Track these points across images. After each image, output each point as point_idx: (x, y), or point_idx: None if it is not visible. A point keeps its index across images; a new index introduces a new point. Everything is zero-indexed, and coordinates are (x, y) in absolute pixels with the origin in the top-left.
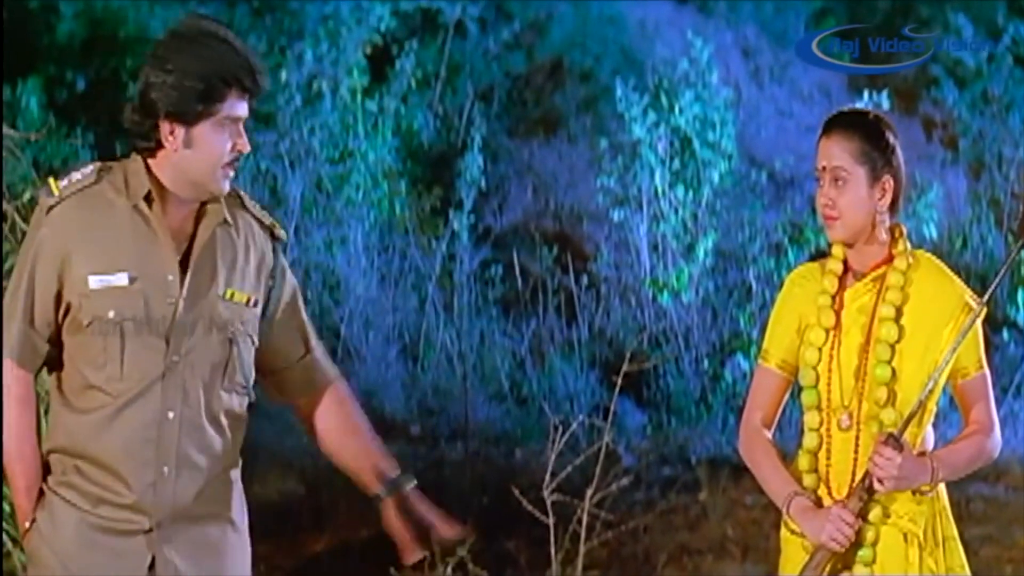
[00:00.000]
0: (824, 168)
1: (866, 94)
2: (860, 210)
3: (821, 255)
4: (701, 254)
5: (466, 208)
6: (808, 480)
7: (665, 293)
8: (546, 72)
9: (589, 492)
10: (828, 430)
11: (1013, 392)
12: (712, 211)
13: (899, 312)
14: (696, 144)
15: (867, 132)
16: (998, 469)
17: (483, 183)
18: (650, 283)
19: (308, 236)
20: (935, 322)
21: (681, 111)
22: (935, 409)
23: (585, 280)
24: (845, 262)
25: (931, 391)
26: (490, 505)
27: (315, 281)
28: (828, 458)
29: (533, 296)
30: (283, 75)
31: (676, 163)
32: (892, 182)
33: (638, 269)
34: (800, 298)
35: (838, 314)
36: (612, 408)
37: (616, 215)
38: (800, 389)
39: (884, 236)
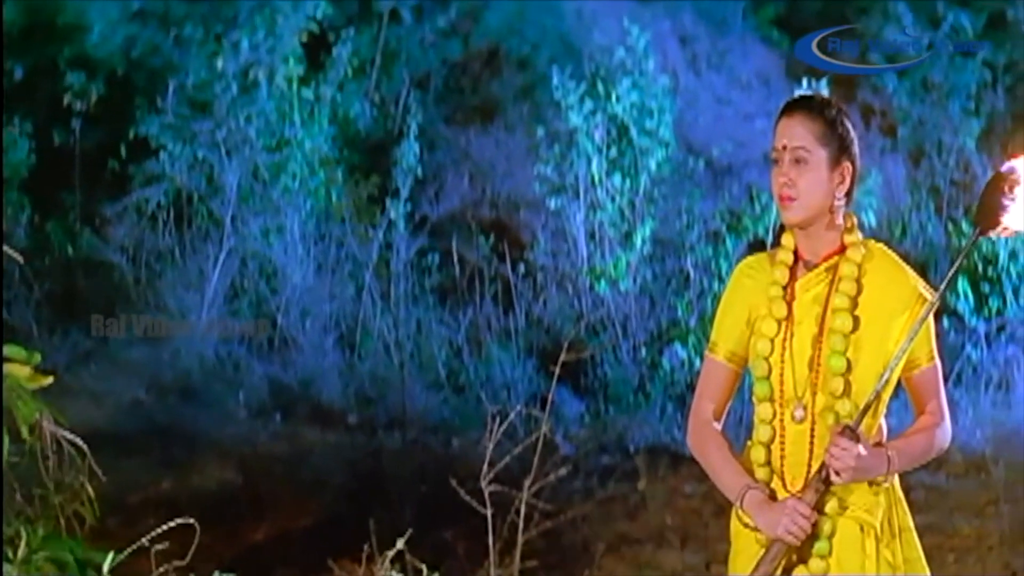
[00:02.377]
0: (784, 147)
1: (805, 81)
2: (819, 192)
3: (759, 243)
4: (639, 242)
5: (403, 196)
6: (761, 473)
7: (602, 281)
8: (483, 60)
9: (527, 482)
10: (782, 422)
11: (954, 381)
12: (650, 199)
13: (853, 303)
14: (633, 132)
15: (831, 116)
16: (940, 458)
17: (420, 171)
18: (587, 271)
19: (245, 225)
20: (889, 313)
21: (618, 99)
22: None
23: (522, 268)
24: (795, 252)
25: (887, 382)
26: (428, 495)
27: (252, 270)
28: (782, 450)
29: (470, 284)
30: (219, 63)
31: (613, 151)
32: (851, 169)
33: (575, 257)
34: (750, 289)
35: (790, 305)
36: (550, 398)
37: (553, 203)
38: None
39: (840, 223)
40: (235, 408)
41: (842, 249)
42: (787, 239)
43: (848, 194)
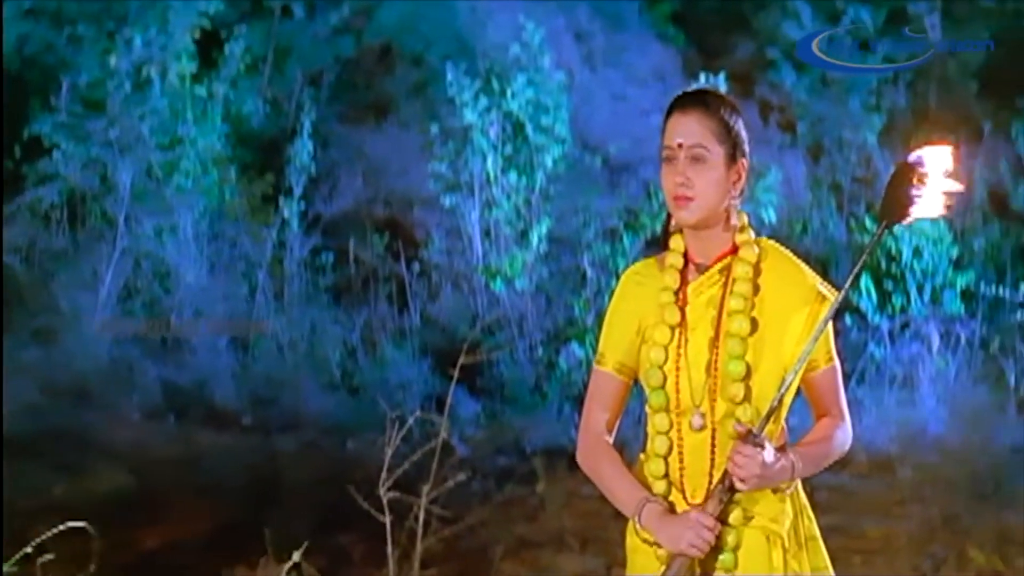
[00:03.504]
0: (680, 145)
1: (702, 77)
2: (717, 191)
3: (656, 241)
4: (535, 240)
5: (296, 195)
6: (659, 487)
7: (498, 280)
8: (376, 56)
9: (425, 488)
10: (679, 432)
11: (857, 379)
12: (546, 196)
13: (750, 304)
14: (529, 129)
15: (728, 112)
16: (844, 458)
17: (313, 169)
18: (483, 270)
19: (139, 224)
20: (788, 313)
21: (514, 95)
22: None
23: (417, 267)
24: (685, 255)
25: (789, 386)
26: (324, 500)
27: (145, 270)
28: (681, 462)
29: (364, 284)
30: (112, 61)
31: (509, 148)
32: (746, 166)
33: (470, 256)
34: (638, 297)
35: (683, 310)
36: (448, 403)
37: (448, 201)
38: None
39: (734, 223)
40: (129, 410)
41: (734, 249)
42: (676, 242)
43: (742, 192)
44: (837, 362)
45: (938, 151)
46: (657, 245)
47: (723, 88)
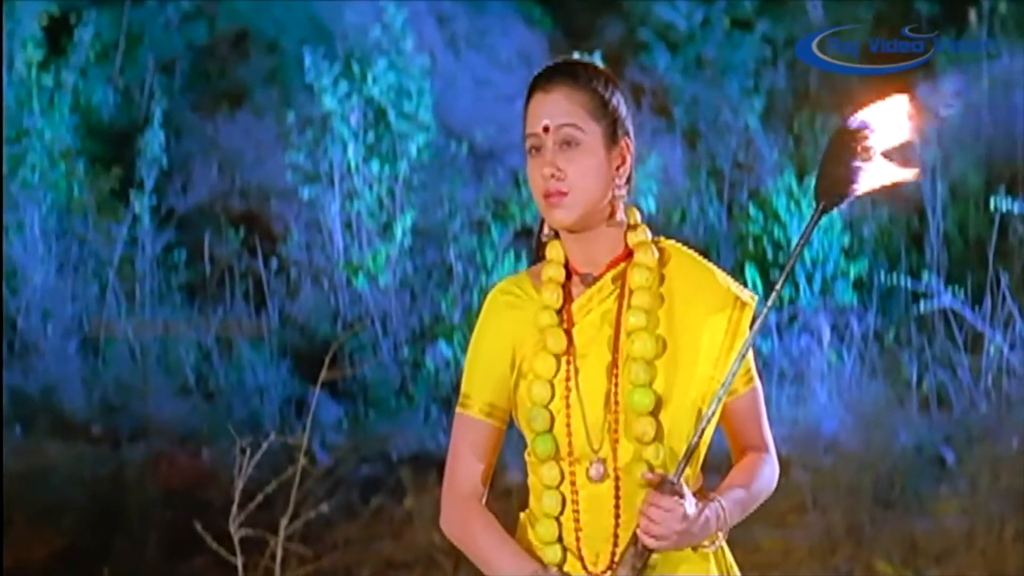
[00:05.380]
0: (546, 129)
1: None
2: (597, 181)
3: (527, 231)
4: (398, 233)
5: (147, 188)
6: (551, 554)
7: (360, 276)
8: (230, 42)
9: (283, 523)
10: (574, 485)
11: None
12: (409, 187)
13: (654, 320)
14: (391, 115)
15: (602, 83)
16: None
17: (165, 161)
18: (344, 265)
19: None
20: (702, 327)
21: (375, 80)
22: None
23: (275, 263)
24: (567, 265)
25: (711, 417)
26: (174, 522)
27: None
28: (577, 522)
29: (219, 282)
30: None
31: (370, 136)
32: (630, 146)
33: (331, 250)
34: (510, 322)
35: (569, 333)
36: (308, 425)
37: (306, 193)
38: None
39: (622, 219)
40: None
41: (629, 253)
42: (554, 250)
43: (628, 180)
44: (758, 382)
45: (889, 107)
46: (527, 236)
47: None
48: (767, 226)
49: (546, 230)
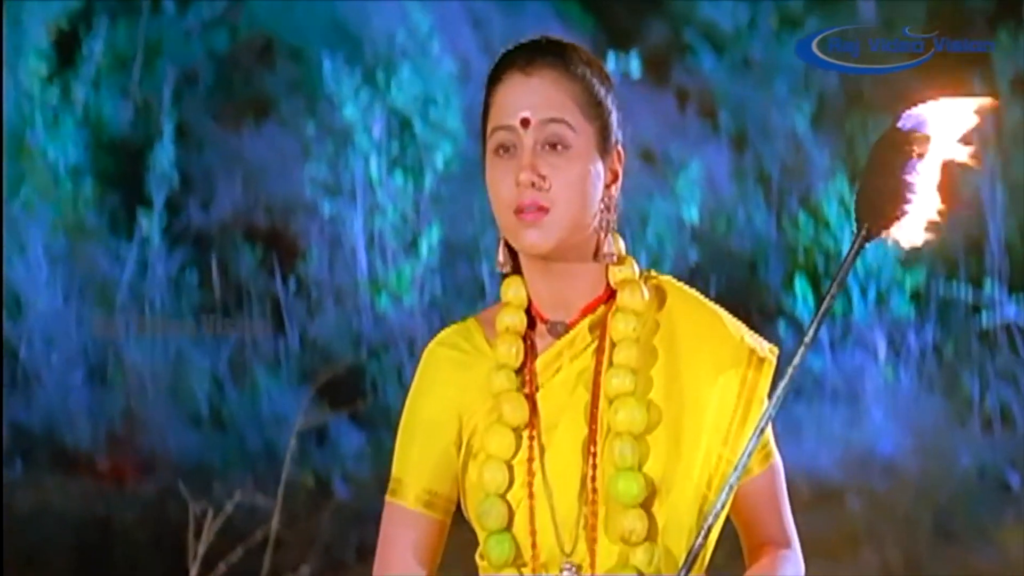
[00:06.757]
0: (526, 123)
1: (612, 57)
2: (587, 198)
3: None
4: (425, 250)
5: (159, 206)
6: None
7: (384, 295)
8: (253, 51)
9: None
10: None
11: (793, 394)
12: (436, 200)
13: (644, 381)
14: (417, 124)
15: (595, 73)
16: None
17: (176, 178)
18: (368, 285)
19: None
20: (706, 390)
21: (399, 88)
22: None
23: (294, 284)
24: (529, 309)
25: (720, 511)
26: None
27: None
28: None
29: (235, 303)
30: None
31: (395, 147)
32: (623, 157)
33: (353, 269)
34: (454, 384)
35: (532, 399)
36: (282, 477)
37: (327, 208)
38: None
39: (608, 251)
40: None
41: (610, 294)
42: (513, 289)
43: (615, 204)
44: (778, 459)
45: (950, 106)
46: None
47: (636, 73)
48: (818, 235)
49: (501, 259)
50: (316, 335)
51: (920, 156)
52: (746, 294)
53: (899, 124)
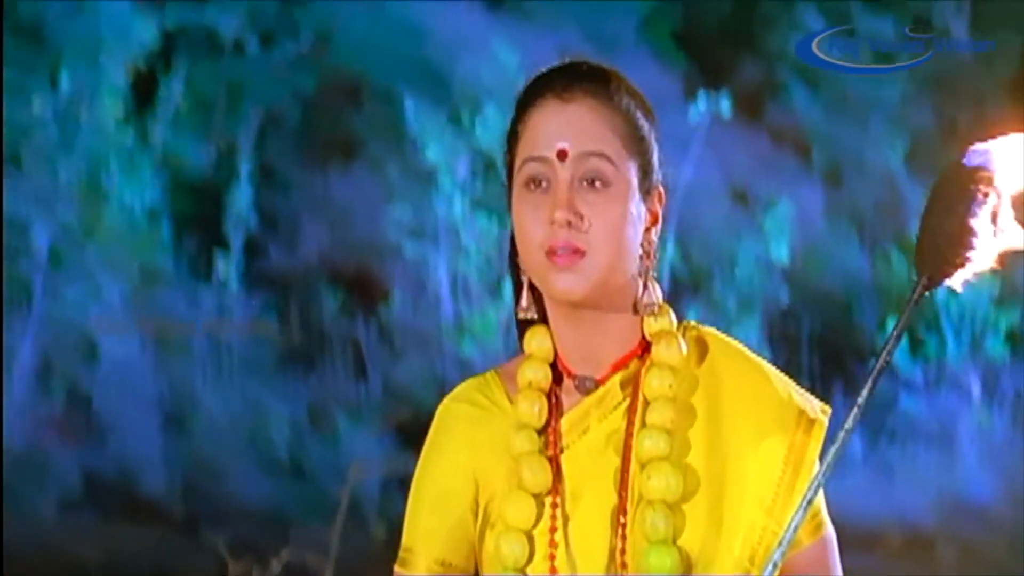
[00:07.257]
0: (562, 155)
1: (703, 99)
2: (629, 238)
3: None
4: (509, 293)
5: (237, 250)
6: None
7: (468, 339)
8: (338, 92)
9: None
10: None
11: (887, 437)
12: None
13: (681, 445)
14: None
15: (639, 102)
16: (872, 535)
17: (254, 221)
18: (452, 328)
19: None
20: (750, 455)
21: (484, 128)
22: None
23: (376, 328)
24: (554, 363)
25: None
26: None
27: (65, 344)
28: None
29: (316, 349)
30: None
31: (479, 188)
32: (664, 199)
33: (437, 313)
34: (469, 445)
35: (556, 464)
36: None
37: (410, 251)
38: None
39: (647, 301)
40: (44, 505)
41: (645, 347)
42: (537, 340)
43: (655, 250)
44: (831, 529)
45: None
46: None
47: (726, 110)
48: (912, 275)
49: (524, 304)
50: (398, 381)
51: (985, 196)
52: (840, 336)
53: (964, 160)
